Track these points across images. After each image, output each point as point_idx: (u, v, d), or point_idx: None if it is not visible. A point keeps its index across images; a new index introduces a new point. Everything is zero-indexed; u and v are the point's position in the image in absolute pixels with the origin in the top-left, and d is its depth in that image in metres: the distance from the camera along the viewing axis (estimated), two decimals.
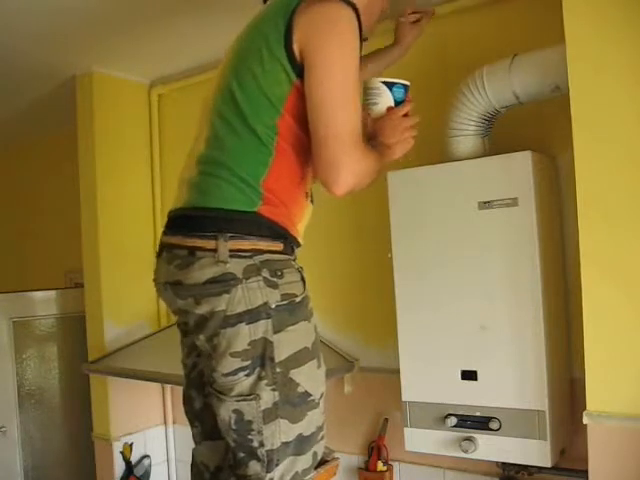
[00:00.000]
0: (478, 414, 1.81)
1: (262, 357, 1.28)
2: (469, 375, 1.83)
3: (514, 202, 1.75)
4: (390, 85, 1.41)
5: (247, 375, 1.28)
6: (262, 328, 1.27)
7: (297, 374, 1.31)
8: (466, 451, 1.82)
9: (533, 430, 1.74)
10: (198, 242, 1.29)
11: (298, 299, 1.33)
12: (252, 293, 1.26)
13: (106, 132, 2.82)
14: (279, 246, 1.33)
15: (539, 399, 1.73)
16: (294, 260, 1.40)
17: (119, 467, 2.72)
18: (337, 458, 1.62)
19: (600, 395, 1.48)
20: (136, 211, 2.91)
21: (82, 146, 2.85)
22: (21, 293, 3.08)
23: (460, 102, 1.87)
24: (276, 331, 1.28)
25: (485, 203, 1.80)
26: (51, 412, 3.05)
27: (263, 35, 1.34)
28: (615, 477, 1.46)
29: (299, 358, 1.31)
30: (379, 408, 2.31)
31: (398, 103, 1.42)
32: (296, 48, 1.28)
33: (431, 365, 1.90)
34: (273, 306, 1.28)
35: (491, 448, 1.80)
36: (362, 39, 1.36)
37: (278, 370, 1.28)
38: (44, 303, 3.07)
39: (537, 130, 1.99)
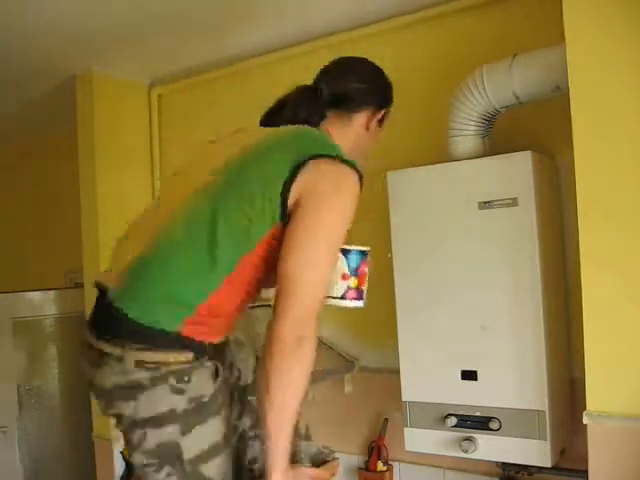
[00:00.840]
0: (478, 414, 1.81)
1: (170, 457, 1.27)
2: (469, 375, 1.83)
3: (514, 202, 1.75)
4: (345, 252, 1.39)
5: (156, 471, 1.28)
6: (169, 430, 1.26)
7: (207, 468, 1.29)
8: (466, 451, 1.82)
9: (533, 430, 1.74)
10: (107, 347, 1.26)
11: (206, 398, 1.28)
12: (158, 400, 1.24)
13: (106, 132, 2.82)
14: (189, 356, 1.27)
15: (539, 399, 1.73)
16: (206, 359, 1.30)
17: (119, 467, 2.72)
18: (337, 458, 1.62)
19: (600, 395, 1.48)
20: (136, 211, 2.90)
21: (82, 146, 2.85)
22: (21, 293, 3.07)
23: (460, 102, 1.87)
24: (184, 432, 1.27)
25: (485, 203, 1.80)
26: (51, 412, 3.05)
27: (263, 175, 1.28)
28: (615, 477, 1.46)
29: (210, 453, 1.30)
30: (379, 408, 2.31)
31: (353, 270, 1.42)
32: (293, 196, 1.26)
33: (431, 365, 1.90)
34: (179, 411, 1.25)
35: (491, 448, 1.80)
36: None
37: (188, 468, 1.28)
38: (44, 303, 3.07)
39: (537, 130, 1.99)
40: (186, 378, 1.26)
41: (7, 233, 3.99)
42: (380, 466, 2.25)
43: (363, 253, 1.43)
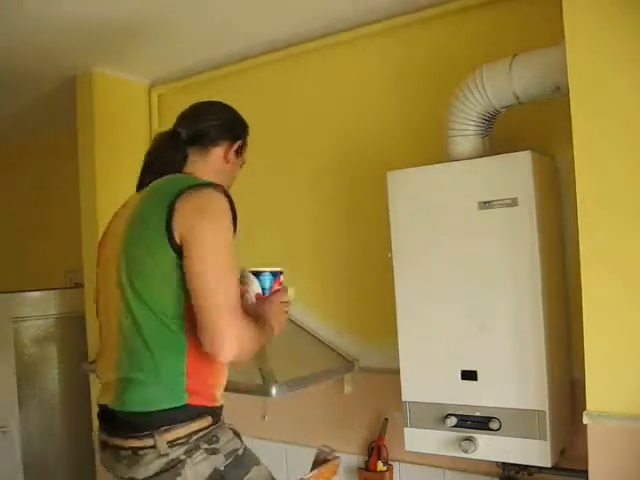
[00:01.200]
0: (478, 414, 1.81)
1: None
2: (469, 375, 1.83)
3: (514, 202, 1.75)
4: (257, 274, 1.58)
5: None
6: None
7: None
8: (466, 451, 1.81)
9: (533, 430, 1.74)
10: (137, 443, 1.38)
11: (240, 451, 1.46)
12: (200, 466, 1.38)
13: (106, 132, 2.82)
14: (209, 420, 1.42)
15: (539, 399, 1.73)
16: (223, 421, 1.49)
17: None
18: (338, 457, 1.62)
19: (600, 395, 1.48)
20: None
21: (82, 146, 2.85)
22: (21, 293, 3.07)
23: (460, 102, 1.87)
24: None
25: (485, 203, 1.80)
26: (51, 412, 3.05)
27: (147, 231, 1.43)
28: (615, 477, 1.46)
29: None
30: (379, 408, 2.31)
31: (266, 289, 1.59)
32: (177, 234, 1.39)
33: (431, 365, 1.90)
34: (222, 468, 1.40)
35: (491, 448, 1.80)
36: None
37: None
38: (44, 303, 3.07)
39: (537, 130, 1.99)
40: (214, 438, 1.41)
41: (7, 233, 3.98)
42: (380, 466, 2.25)
43: (274, 274, 1.60)
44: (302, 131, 2.54)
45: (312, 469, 1.64)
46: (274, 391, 2.01)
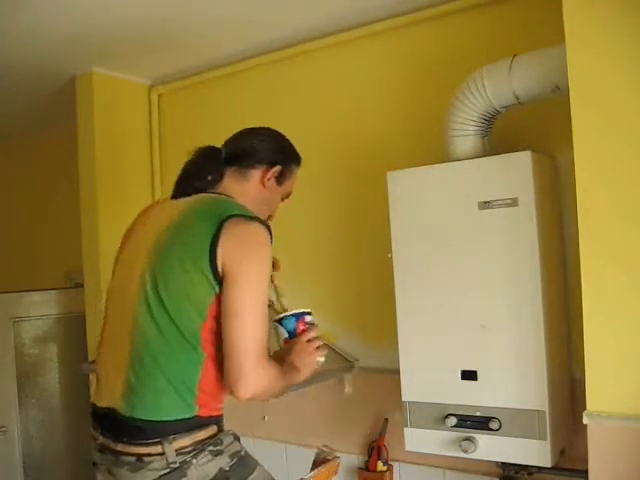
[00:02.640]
0: (478, 414, 1.81)
1: None
2: (469, 375, 1.83)
3: (514, 202, 1.75)
4: (280, 320, 1.56)
5: None
6: None
7: None
8: (466, 451, 1.81)
9: (533, 430, 1.74)
10: (144, 449, 1.39)
11: (242, 452, 1.48)
12: (206, 467, 1.40)
13: (106, 132, 2.82)
14: (214, 429, 1.45)
15: (539, 399, 1.73)
16: (223, 426, 1.51)
17: None
18: (338, 457, 1.62)
19: (600, 395, 1.48)
20: (136, 211, 2.90)
21: (82, 146, 2.85)
22: (21, 293, 3.08)
23: (460, 102, 1.87)
24: None
25: (485, 203, 1.80)
26: (51, 412, 3.05)
27: (185, 245, 1.43)
28: (615, 477, 1.46)
29: None
30: (379, 408, 2.30)
31: (291, 332, 1.55)
32: (219, 262, 1.39)
33: (431, 365, 1.90)
34: (227, 468, 1.42)
35: (491, 448, 1.80)
36: None
37: None
38: (44, 303, 3.07)
39: (537, 130, 1.99)
40: (219, 441, 1.44)
41: (7, 233, 3.99)
42: (380, 466, 2.25)
43: (296, 316, 1.56)
44: (302, 131, 2.53)
45: (312, 469, 1.64)
46: None
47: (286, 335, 1.55)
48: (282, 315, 1.56)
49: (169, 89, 2.95)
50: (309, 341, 1.53)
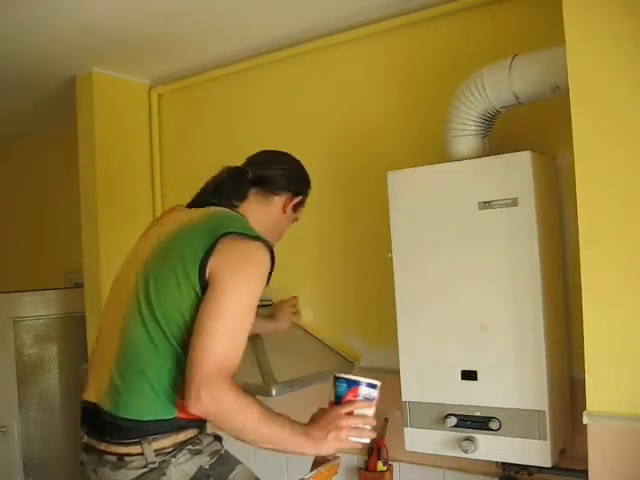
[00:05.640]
0: (478, 414, 1.81)
1: None
2: (469, 375, 1.83)
3: (514, 202, 1.75)
4: (336, 379, 1.45)
5: None
6: None
7: None
8: (466, 451, 1.81)
9: (533, 430, 1.74)
10: (124, 449, 1.41)
11: (222, 451, 1.50)
12: (185, 466, 1.42)
13: (106, 132, 2.82)
14: (194, 432, 1.46)
15: (539, 399, 1.73)
16: (206, 428, 1.52)
17: None
18: (338, 457, 1.62)
19: (600, 395, 1.48)
20: (136, 211, 2.91)
21: (82, 146, 2.86)
22: (21, 293, 3.08)
23: (460, 102, 1.87)
24: None
25: (485, 203, 1.80)
26: (51, 412, 3.05)
27: (181, 253, 1.45)
28: (615, 477, 1.46)
29: None
30: (379, 408, 2.30)
31: (338, 397, 1.44)
32: (208, 270, 1.41)
33: (431, 365, 1.90)
34: (207, 466, 1.44)
35: (491, 448, 1.80)
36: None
37: None
38: (44, 303, 3.07)
39: (537, 130, 1.99)
40: (198, 441, 1.45)
41: (7, 233, 3.99)
42: (380, 466, 2.25)
43: (350, 383, 1.44)
44: (302, 131, 2.54)
45: (312, 469, 1.63)
46: (274, 391, 2.01)
47: (332, 398, 1.45)
48: (340, 375, 1.45)
49: (169, 89, 2.95)
50: (349, 414, 1.43)
